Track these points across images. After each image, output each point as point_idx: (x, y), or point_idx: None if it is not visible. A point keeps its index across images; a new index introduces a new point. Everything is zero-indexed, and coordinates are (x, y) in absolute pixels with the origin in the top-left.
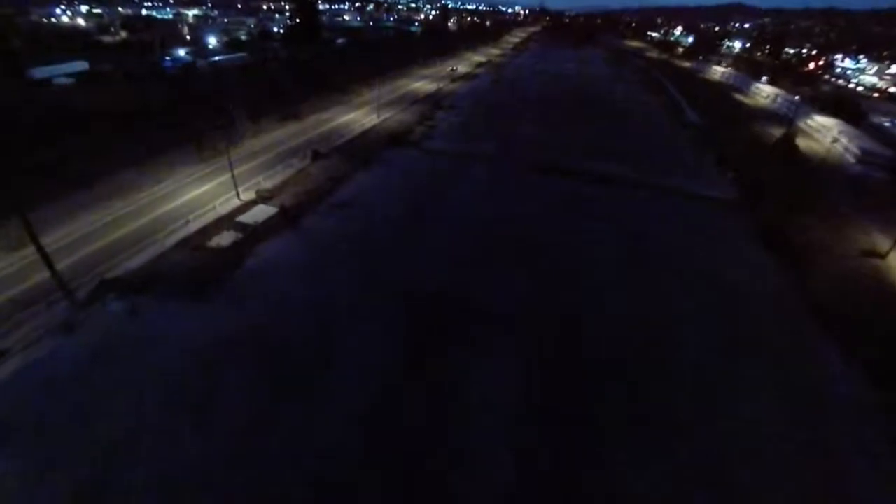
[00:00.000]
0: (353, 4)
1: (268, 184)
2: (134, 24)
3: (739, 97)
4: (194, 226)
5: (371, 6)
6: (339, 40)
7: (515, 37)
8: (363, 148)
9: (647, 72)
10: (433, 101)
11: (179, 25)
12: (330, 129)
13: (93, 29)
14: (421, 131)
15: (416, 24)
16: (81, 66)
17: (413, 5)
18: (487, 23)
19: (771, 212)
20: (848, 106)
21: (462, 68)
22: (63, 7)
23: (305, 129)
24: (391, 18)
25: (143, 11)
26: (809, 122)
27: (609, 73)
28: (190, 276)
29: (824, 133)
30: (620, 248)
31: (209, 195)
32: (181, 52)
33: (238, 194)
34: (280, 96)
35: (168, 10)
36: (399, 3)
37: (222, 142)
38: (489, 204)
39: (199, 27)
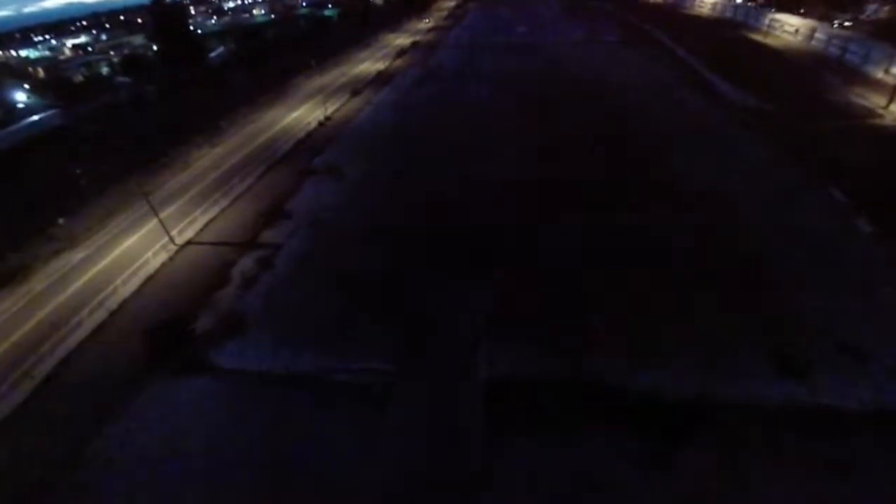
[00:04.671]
0: None
1: None
2: None
3: (755, 37)
4: None
5: None
6: (214, 53)
7: (451, 1)
8: (60, 432)
9: (620, 20)
10: (306, 152)
11: (31, 70)
12: (45, 324)
13: None
14: (241, 280)
15: (330, 6)
16: None
17: None
18: None
19: None
20: None
21: (376, 64)
22: None
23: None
24: (304, 3)
25: (22, 52)
26: None
27: (578, 33)
28: None
29: None
30: None
31: None
32: None
33: None
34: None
35: (54, 42)
36: None
37: None
38: None
39: (70, 62)
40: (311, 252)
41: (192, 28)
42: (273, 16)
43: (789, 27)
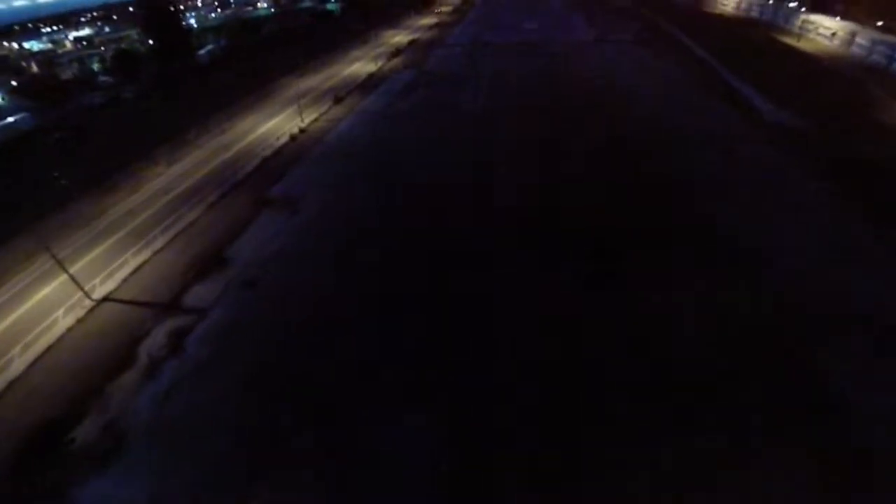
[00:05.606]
0: None
1: None
2: None
3: (787, 41)
4: None
5: None
6: (204, 50)
7: None
8: None
9: (636, 17)
10: (271, 174)
11: (25, 64)
12: None
13: None
14: (147, 362)
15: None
16: None
17: None
18: None
19: None
20: None
21: (368, 65)
22: None
23: None
24: None
25: (26, 44)
26: None
27: (591, 32)
28: None
29: None
30: None
31: None
32: None
33: None
34: None
35: (60, 34)
36: None
37: None
38: None
39: (63, 57)
40: (236, 329)
41: (190, 22)
42: (273, 9)
43: (825, 30)
